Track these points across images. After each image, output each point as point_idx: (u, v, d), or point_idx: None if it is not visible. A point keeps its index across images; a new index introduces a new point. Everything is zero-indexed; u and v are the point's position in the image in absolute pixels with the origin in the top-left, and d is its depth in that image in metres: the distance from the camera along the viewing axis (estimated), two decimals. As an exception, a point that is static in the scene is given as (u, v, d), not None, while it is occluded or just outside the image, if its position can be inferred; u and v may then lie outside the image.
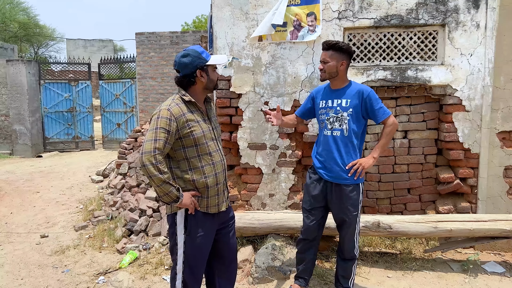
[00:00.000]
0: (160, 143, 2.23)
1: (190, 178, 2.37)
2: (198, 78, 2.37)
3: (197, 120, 2.37)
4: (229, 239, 2.66)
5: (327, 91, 3.03)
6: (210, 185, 2.40)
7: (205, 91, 2.47)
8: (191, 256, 2.41)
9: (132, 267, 3.82)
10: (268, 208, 4.01)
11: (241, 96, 3.90)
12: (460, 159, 3.83)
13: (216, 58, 2.43)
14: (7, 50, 13.89)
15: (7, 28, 26.16)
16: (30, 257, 4.25)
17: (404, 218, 3.60)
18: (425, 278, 3.46)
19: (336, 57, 2.84)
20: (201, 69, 2.36)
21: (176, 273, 2.45)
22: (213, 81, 2.45)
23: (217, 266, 2.70)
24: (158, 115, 2.29)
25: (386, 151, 3.98)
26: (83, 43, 33.30)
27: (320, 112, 3.01)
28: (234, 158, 4.09)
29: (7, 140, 11.83)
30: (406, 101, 3.95)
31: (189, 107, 2.37)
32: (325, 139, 2.97)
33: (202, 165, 2.37)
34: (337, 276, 3.17)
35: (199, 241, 2.40)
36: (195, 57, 2.34)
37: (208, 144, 2.39)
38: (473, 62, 3.72)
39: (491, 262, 3.67)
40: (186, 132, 2.30)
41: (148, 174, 2.22)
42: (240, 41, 3.85)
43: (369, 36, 3.83)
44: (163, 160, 2.24)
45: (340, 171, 2.91)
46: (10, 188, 7.28)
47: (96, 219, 5.05)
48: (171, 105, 2.32)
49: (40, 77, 12.18)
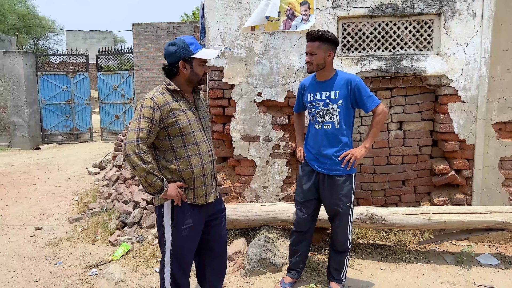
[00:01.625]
0: (143, 132, 2.19)
1: (176, 169, 2.33)
2: (180, 69, 2.33)
3: (183, 109, 2.33)
4: (220, 231, 2.64)
5: (313, 83, 2.98)
6: (196, 176, 2.36)
7: (189, 84, 2.40)
8: (179, 247, 2.39)
9: (125, 259, 3.80)
10: (262, 200, 3.98)
11: (234, 87, 3.85)
12: (455, 150, 3.79)
13: (205, 53, 2.35)
14: (4, 42, 13.80)
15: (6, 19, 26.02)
16: (23, 249, 4.24)
17: (398, 210, 3.57)
18: (418, 270, 3.44)
19: (323, 48, 2.78)
20: (185, 60, 2.30)
21: (165, 265, 2.43)
22: (197, 75, 2.37)
23: (207, 259, 2.68)
24: (141, 104, 2.25)
25: (380, 142, 3.94)
26: (83, 35, 33.15)
27: (309, 105, 2.97)
28: (227, 150, 4.05)
29: (5, 132, 11.81)
30: (401, 92, 3.90)
31: (175, 96, 2.33)
32: (316, 132, 2.94)
33: (188, 155, 2.33)
34: (330, 269, 3.16)
35: (186, 233, 2.37)
36: (181, 47, 2.29)
37: (194, 133, 2.35)
38: (469, 51, 3.66)
39: (486, 254, 3.65)
40: (171, 121, 2.27)
41: (131, 164, 2.18)
42: (233, 31, 3.79)
43: (364, 25, 3.77)
44: (147, 150, 2.20)
45: (332, 163, 2.89)
46: (6, 180, 7.27)
47: (90, 211, 5.03)
48: (155, 94, 2.28)
49: (37, 68, 12.11)
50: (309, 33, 2.81)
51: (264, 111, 3.87)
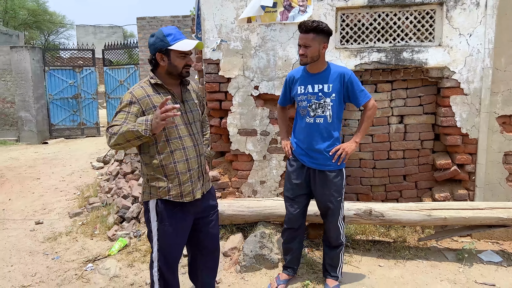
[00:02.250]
0: (117, 121, 2.16)
1: (159, 164, 2.27)
2: (158, 61, 2.27)
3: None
4: (211, 228, 2.58)
5: (304, 75, 2.88)
6: (180, 171, 2.30)
7: (171, 76, 2.33)
8: (165, 244, 2.35)
9: (121, 254, 3.78)
10: (259, 195, 3.92)
11: (230, 81, 3.79)
12: (458, 144, 3.68)
13: (181, 44, 2.25)
14: (12, 37, 13.89)
15: (16, 15, 26.26)
16: (22, 243, 4.25)
17: (397, 206, 3.48)
18: (418, 267, 3.36)
19: (318, 40, 2.68)
20: (162, 52, 2.24)
21: (153, 260, 2.40)
22: (176, 67, 2.28)
23: (198, 256, 2.64)
24: (121, 100, 2.24)
25: (381, 136, 3.85)
26: (93, 30, 33.28)
27: (299, 98, 2.87)
28: (224, 144, 4.00)
29: (13, 127, 11.91)
30: (402, 85, 3.79)
31: (157, 89, 2.29)
32: (307, 126, 2.85)
33: (171, 150, 2.28)
34: (325, 265, 3.10)
35: (172, 230, 2.33)
36: (158, 38, 2.24)
37: (178, 127, 2.30)
38: (472, 42, 3.54)
39: (488, 251, 3.55)
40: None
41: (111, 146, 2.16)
42: (229, 23, 3.72)
43: (363, 16, 3.67)
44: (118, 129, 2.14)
45: (324, 158, 2.82)
46: (11, 175, 7.32)
47: (90, 206, 5.04)
48: (134, 88, 2.26)
49: (44, 63, 12.17)
50: (303, 24, 2.69)
51: (261, 105, 3.80)
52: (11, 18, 25.76)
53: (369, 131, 3.85)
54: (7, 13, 25.34)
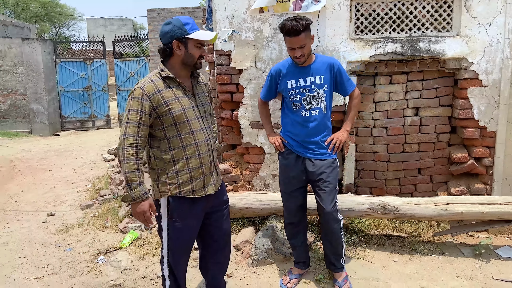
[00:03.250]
0: (131, 126, 2.12)
1: (170, 159, 2.23)
2: (174, 50, 2.20)
3: (177, 96, 2.22)
4: (222, 223, 2.55)
5: (293, 69, 2.84)
6: (192, 167, 2.26)
7: (185, 67, 2.28)
8: (175, 240, 2.32)
9: (133, 247, 3.78)
10: (271, 189, 3.88)
11: (242, 72, 3.73)
12: (475, 137, 3.59)
13: (201, 34, 2.22)
14: (23, 29, 13.97)
15: (28, 8, 26.43)
16: (35, 235, 4.27)
17: (412, 200, 3.41)
18: (433, 263, 3.29)
19: (308, 35, 2.69)
20: (179, 40, 2.18)
21: (163, 256, 2.38)
22: (192, 57, 2.24)
23: (209, 251, 2.61)
24: (131, 95, 2.17)
25: (395, 129, 3.77)
26: (103, 22, 33.38)
27: (291, 93, 2.83)
28: (236, 137, 3.95)
29: (26, 119, 12.01)
30: (417, 76, 3.70)
31: (168, 83, 2.22)
32: (304, 120, 2.83)
33: (183, 145, 2.23)
34: (328, 257, 3.04)
35: (182, 226, 2.30)
36: (175, 26, 2.18)
37: (190, 122, 2.24)
38: (491, 32, 3.43)
39: (506, 246, 3.46)
40: (164, 110, 2.17)
41: (120, 157, 2.16)
42: (241, 13, 3.65)
43: (378, 6, 3.57)
44: (132, 145, 2.11)
45: (319, 147, 2.85)
46: (24, 166, 7.37)
47: (102, 198, 5.04)
48: (144, 83, 2.19)
49: (56, 56, 12.22)
50: (290, 28, 2.61)
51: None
52: (22, 10, 25.94)
53: (384, 124, 3.78)
54: (19, 6, 25.52)
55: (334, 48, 3.56)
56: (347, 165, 3.76)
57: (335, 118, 3.69)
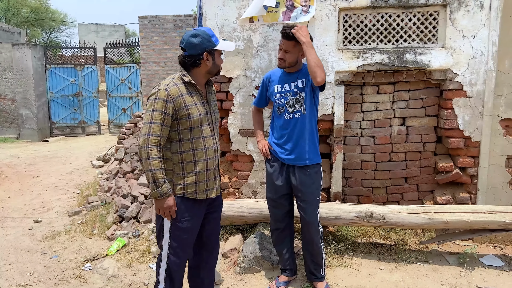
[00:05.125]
0: (156, 126, 2.21)
1: (179, 161, 2.33)
2: (203, 61, 2.31)
3: (195, 102, 2.32)
4: (215, 225, 2.64)
5: (282, 75, 2.94)
6: (199, 170, 2.35)
7: (207, 75, 2.41)
8: (177, 241, 2.37)
9: (120, 254, 3.76)
10: (260, 196, 3.89)
11: (232, 80, 3.76)
12: (460, 147, 3.65)
13: (225, 44, 2.38)
14: (14, 34, 13.88)
15: (19, 12, 26.27)
16: (21, 242, 4.23)
17: (398, 209, 3.45)
18: (419, 271, 3.33)
19: (298, 48, 2.72)
20: (209, 52, 2.30)
21: (161, 259, 2.41)
22: (218, 67, 2.39)
23: (199, 252, 2.64)
24: (155, 96, 2.24)
25: (382, 138, 3.83)
26: (95, 28, 33.27)
27: (276, 97, 2.91)
28: (225, 144, 3.97)
29: (14, 125, 11.90)
30: (404, 86, 3.77)
31: (189, 88, 2.32)
32: (286, 123, 2.88)
33: (193, 149, 2.33)
34: (309, 268, 3.07)
35: (185, 226, 2.36)
36: (205, 39, 2.28)
37: (203, 128, 2.35)
38: (475, 44, 3.51)
39: (490, 255, 3.52)
40: (183, 114, 2.26)
41: (139, 157, 2.25)
42: (231, 22, 3.69)
43: (366, 17, 3.64)
44: (156, 144, 2.21)
45: (303, 151, 2.86)
46: (11, 172, 7.30)
47: (90, 205, 5.01)
48: (169, 85, 2.26)
49: (46, 61, 12.15)
50: (286, 31, 2.71)
51: (263, 105, 3.77)
52: (13, 15, 25.77)
53: (371, 133, 3.83)
54: (10, 11, 25.35)
55: (322, 58, 3.61)
56: (335, 173, 3.79)
57: (323, 127, 3.74)
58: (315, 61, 2.59)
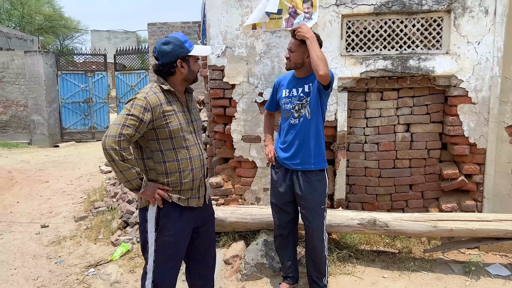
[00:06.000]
0: (129, 130, 2.08)
1: (163, 171, 2.24)
2: (178, 69, 2.24)
3: (175, 111, 2.24)
4: (208, 237, 2.54)
5: (291, 80, 2.93)
6: (184, 180, 2.27)
7: (185, 83, 2.33)
8: (163, 255, 2.28)
9: (123, 260, 3.78)
10: (263, 203, 3.89)
11: (235, 87, 3.78)
12: (465, 154, 3.61)
13: (200, 49, 2.29)
14: (26, 42, 14.14)
15: (33, 20, 26.77)
16: (27, 247, 4.28)
17: (402, 216, 3.42)
18: (423, 280, 3.28)
19: (303, 48, 2.71)
20: (182, 59, 2.22)
21: (147, 272, 2.31)
22: (194, 73, 2.30)
23: (194, 264, 2.58)
24: (133, 101, 2.15)
25: (386, 145, 3.80)
26: (107, 35, 33.70)
27: (284, 101, 2.91)
28: (228, 151, 3.98)
29: (26, 130, 12.08)
30: (408, 93, 3.74)
31: (168, 96, 2.24)
32: (291, 127, 2.87)
33: (177, 159, 2.24)
34: (311, 277, 3.03)
35: (172, 240, 2.26)
36: (177, 45, 2.20)
37: (185, 137, 2.26)
38: (480, 50, 3.47)
39: (496, 264, 3.45)
40: (161, 123, 2.18)
41: (108, 158, 2.08)
42: (234, 30, 3.71)
43: (369, 23, 3.63)
44: (128, 147, 2.11)
45: (308, 155, 2.83)
46: (21, 177, 7.40)
47: (96, 210, 5.05)
48: (148, 94, 2.18)
49: (57, 68, 12.34)
50: (293, 29, 2.73)
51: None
52: (27, 23, 26.26)
53: (375, 140, 3.81)
54: (24, 18, 25.85)
55: (325, 64, 3.60)
56: (338, 180, 3.77)
57: (327, 133, 3.72)
58: (317, 54, 2.56)
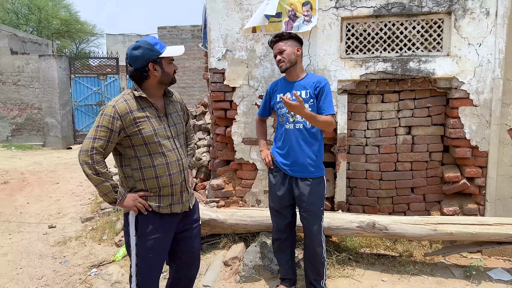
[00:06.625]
0: (100, 142, 2.11)
1: (141, 177, 2.24)
2: (151, 72, 2.22)
3: (149, 117, 2.22)
4: (191, 243, 2.50)
5: (283, 84, 2.93)
6: (162, 186, 2.26)
7: (161, 86, 2.31)
8: (144, 259, 2.28)
9: (125, 260, 3.82)
10: (263, 205, 3.90)
11: (235, 90, 3.81)
12: (467, 157, 3.56)
13: (172, 50, 2.26)
14: (41, 46, 14.43)
15: (49, 24, 27.32)
16: (34, 247, 4.37)
17: (401, 219, 3.39)
18: (423, 284, 3.25)
19: (290, 43, 2.79)
20: (154, 62, 2.21)
21: (131, 275, 2.33)
22: (169, 75, 2.27)
23: (175, 270, 2.57)
24: (102, 112, 2.17)
25: (388, 147, 3.78)
26: (122, 38, 34.08)
27: (279, 106, 2.90)
28: (229, 153, 4.01)
29: (40, 132, 12.33)
30: (409, 95, 3.72)
31: (141, 103, 2.23)
32: (287, 133, 2.86)
33: (154, 165, 2.23)
34: (309, 280, 3.02)
35: (151, 244, 2.27)
36: (146, 49, 2.19)
37: (161, 143, 2.24)
38: (482, 52, 3.44)
39: (498, 268, 3.40)
40: (133, 130, 2.17)
41: (84, 173, 2.12)
42: (234, 33, 3.74)
43: (369, 26, 3.62)
44: (101, 159, 2.12)
45: (305, 163, 2.82)
46: (33, 179, 7.56)
47: (102, 211, 5.13)
48: (117, 102, 2.19)
49: (71, 71, 12.57)
50: (270, 41, 2.88)
51: (266, 114, 3.79)
52: (44, 27, 26.81)
53: (376, 142, 3.79)
54: (41, 23, 26.40)
55: (325, 67, 3.61)
56: (339, 182, 3.77)
57: (327, 136, 3.72)
58: (321, 124, 2.71)
